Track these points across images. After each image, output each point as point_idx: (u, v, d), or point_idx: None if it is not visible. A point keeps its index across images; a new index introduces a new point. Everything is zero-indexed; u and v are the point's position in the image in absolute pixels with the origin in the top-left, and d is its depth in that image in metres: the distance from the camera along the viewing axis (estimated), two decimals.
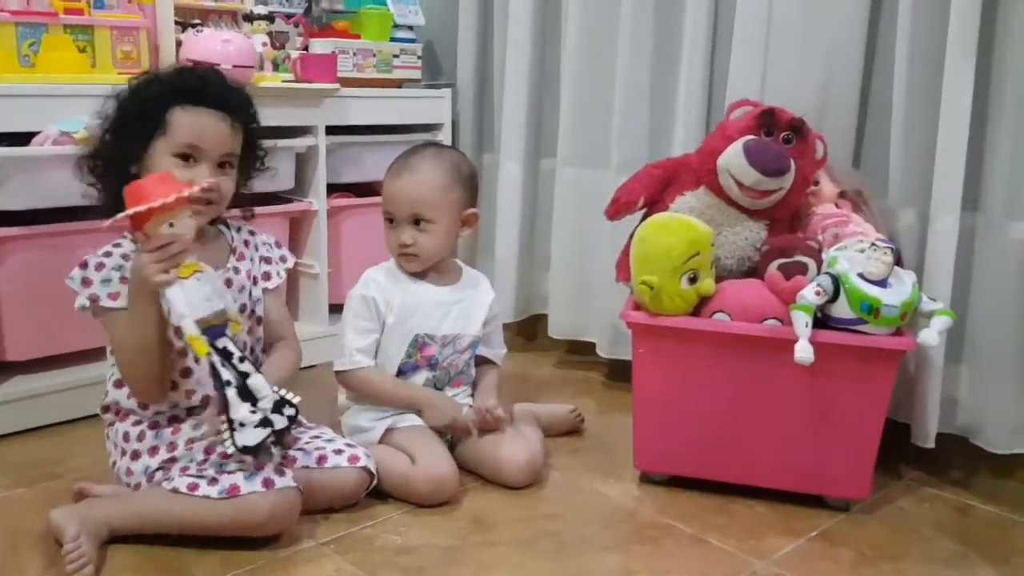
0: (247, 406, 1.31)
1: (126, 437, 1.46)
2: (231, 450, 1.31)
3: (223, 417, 1.32)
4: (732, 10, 1.90)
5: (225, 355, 1.32)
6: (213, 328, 1.32)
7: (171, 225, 1.29)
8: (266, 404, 1.33)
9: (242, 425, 1.31)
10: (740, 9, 1.87)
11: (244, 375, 1.32)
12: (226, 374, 1.31)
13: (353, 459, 1.50)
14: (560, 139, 2.21)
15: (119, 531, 1.37)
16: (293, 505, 1.39)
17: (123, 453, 1.46)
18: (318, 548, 1.40)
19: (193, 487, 1.35)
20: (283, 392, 1.36)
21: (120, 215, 1.28)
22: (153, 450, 1.43)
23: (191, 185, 1.34)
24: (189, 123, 1.42)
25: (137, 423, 1.47)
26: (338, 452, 1.50)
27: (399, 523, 1.48)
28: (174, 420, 1.47)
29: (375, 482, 1.52)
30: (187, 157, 1.42)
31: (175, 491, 1.35)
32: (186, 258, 1.31)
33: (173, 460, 1.42)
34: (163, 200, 1.26)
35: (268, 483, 1.36)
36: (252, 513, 1.35)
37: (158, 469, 1.41)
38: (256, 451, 1.32)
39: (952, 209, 1.61)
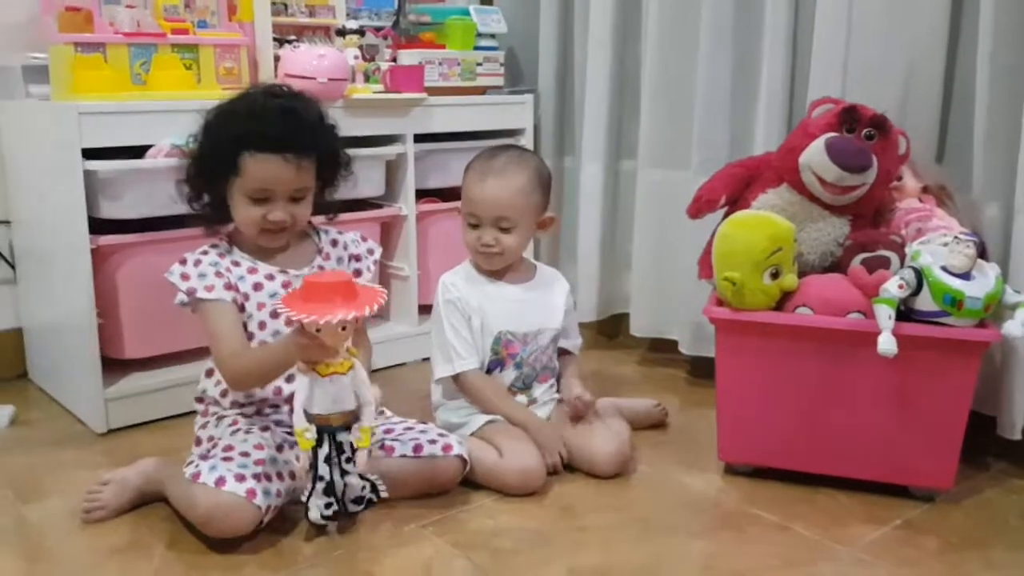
0: (326, 500, 1.42)
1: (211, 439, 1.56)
2: (303, 499, 1.42)
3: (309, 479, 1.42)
4: (812, 8, 1.92)
5: (338, 449, 1.41)
6: (332, 425, 1.40)
7: (319, 330, 1.32)
8: (351, 494, 1.44)
9: (316, 506, 1.42)
10: (820, 6, 1.89)
11: (345, 473, 1.42)
12: (323, 470, 1.40)
13: (447, 448, 1.57)
14: (640, 141, 2.26)
15: None
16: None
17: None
18: (417, 531, 1.48)
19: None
20: (378, 482, 1.47)
21: (294, 315, 1.31)
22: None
23: (369, 301, 1.35)
24: (258, 170, 1.50)
25: (220, 419, 1.58)
26: (432, 442, 1.58)
27: (491, 509, 1.56)
28: (258, 415, 1.59)
29: (468, 469, 1.59)
30: (260, 196, 1.52)
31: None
32: (329, 359, 1.37)
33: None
34: (320, 319, 1.30)
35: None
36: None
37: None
38: (312, 524, 1.44)
39: None
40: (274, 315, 1.55)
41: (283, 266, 1.60)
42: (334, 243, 1.69)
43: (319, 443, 1.39)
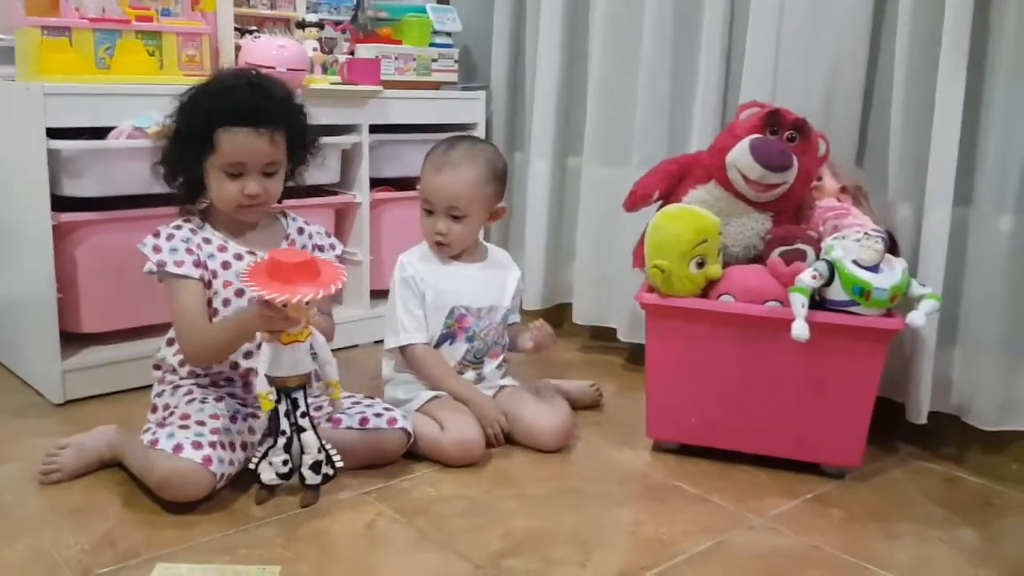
0: (283, 457, 1.52)
1: (167, 407, 1.63)
2: (251, 466, 1.52)
3: (265, 444, 1.52)
4: (745, 20, 2.05)
5: (293, 405, 1.51)
6: (289, 387, 1.50)
7: (285, 305, 1.42)
8: (308, 459, 1.52)
9: (270, 464, 1.52)
10: (752, 19, 2.02)
11: (300, 429, 1.51)
12: (284, 424, 1.50)
13: (392, 421, 1.66)
14: (586, 139, 2.38)
15: None
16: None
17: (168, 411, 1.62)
18: (361, 497, 1.57)
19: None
20: (332, 452, 1.54)
21: (265, 293, 1.40)
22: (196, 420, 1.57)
23: (331, 279, 1.46)
24: (231, 144, 1.58)
25: (176, 388, 1.65)
26: (378, 415, 1.67)
27: (433, 479, 1.65)
28: (212, 386, 1.67)
29: (412, 441, 1.68)
30: (234, 171, 1.60)
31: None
32: (292, 328, 1.47)
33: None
34: (291, 298, 1.40)
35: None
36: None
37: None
38: (264, 486, 1.53)
39: (944, 203, 1.74)
40: (239, 294, 1.63)
41: (252, 247, 1.67)
42: (300, 231, 1.77)
43: (278, 401, 1.49)
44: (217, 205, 1.65)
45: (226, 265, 1.64)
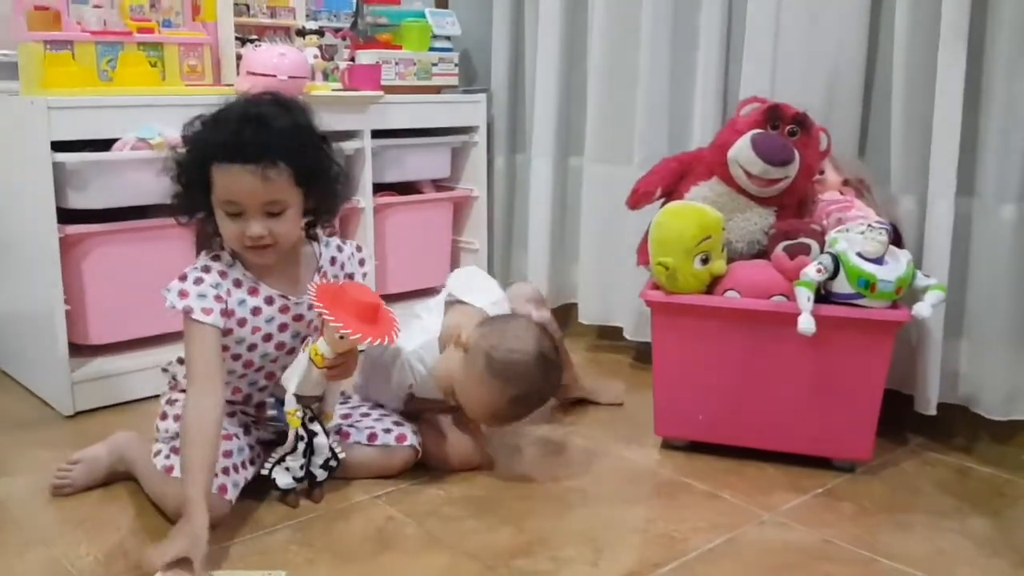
0: (302, 461, 1.55)
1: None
2: (265, 472, 1.55)
3: (279, 451, 1.55)
4: (743, 16, 2.05)
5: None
6: (308, 405, 1.56)
7: (342, 337, 1.47)
8: (318, 460, 1.57)
9: (287, 469, 1.55)
10: (750, 15, 2.02)
11: (313, 434, 1.55)
12: (303, 432, 1.55)
13: (401, 438, 1.66)
14: (587, 138, 2.38)
15: None
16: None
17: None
18: (371, 501, 1.58)
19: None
20: (336, 448, 1.58)
21: (324, 312, 1.44)
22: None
23: (389, 331, 1.51)
24: (224, 182, 1.43)
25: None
26: (387, 431, 1.66)
27: (442, 481, 1.66)
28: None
29: (420, 457, 1.68)
30: (232, 210, 1.45)
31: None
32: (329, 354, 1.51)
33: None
34: (362, 338, 1.46)
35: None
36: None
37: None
38: (280, 490, 1.56)
39: (947, 194, 1.74)
40: (267, 339, 1.56)
41: (283, 288, 1.56)
42: (332, 261, 1.63)
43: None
44: (227, 244, 1.52)
45: (256, 311, 1.53)
